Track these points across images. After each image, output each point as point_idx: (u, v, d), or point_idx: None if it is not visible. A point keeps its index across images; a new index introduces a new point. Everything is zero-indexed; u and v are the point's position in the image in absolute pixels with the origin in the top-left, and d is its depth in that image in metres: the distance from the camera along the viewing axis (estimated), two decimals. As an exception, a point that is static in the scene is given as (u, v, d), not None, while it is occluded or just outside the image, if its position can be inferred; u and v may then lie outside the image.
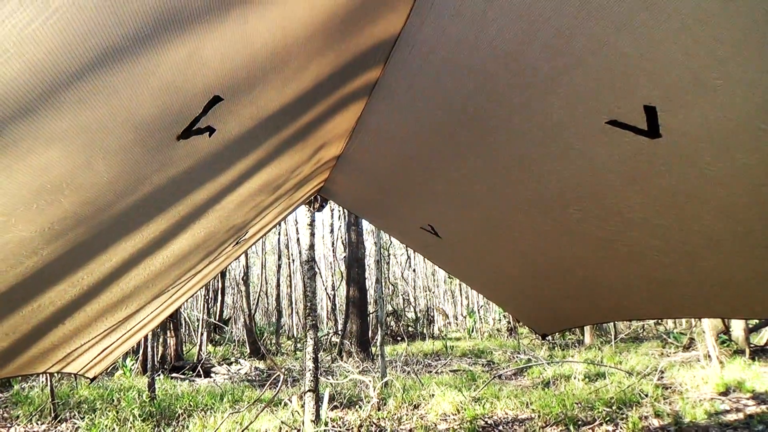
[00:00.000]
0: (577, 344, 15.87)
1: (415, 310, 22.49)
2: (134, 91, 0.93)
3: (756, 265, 1.77)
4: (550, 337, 16.44)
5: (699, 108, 1.30)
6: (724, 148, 1.36)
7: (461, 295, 28.36)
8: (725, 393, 7.75)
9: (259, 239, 4.00)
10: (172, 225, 1.74)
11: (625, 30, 1.22)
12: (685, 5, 1.08)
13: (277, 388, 6.34)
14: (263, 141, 1.73)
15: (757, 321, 12.91)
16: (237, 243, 2.99)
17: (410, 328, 20.46)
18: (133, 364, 11.20)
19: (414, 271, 27.55)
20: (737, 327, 11.79)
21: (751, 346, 11.71)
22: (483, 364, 12.13)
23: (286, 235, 21.89)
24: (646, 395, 7.43)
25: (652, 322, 19.18)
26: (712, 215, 1.63)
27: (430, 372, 10.89)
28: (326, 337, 16.33)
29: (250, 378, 11.08)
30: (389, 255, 22.18)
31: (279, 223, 5.15)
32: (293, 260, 21.48)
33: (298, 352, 15.76)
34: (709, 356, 9.45)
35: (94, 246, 1.46)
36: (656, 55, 1.24)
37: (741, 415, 6.46)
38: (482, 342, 17.58)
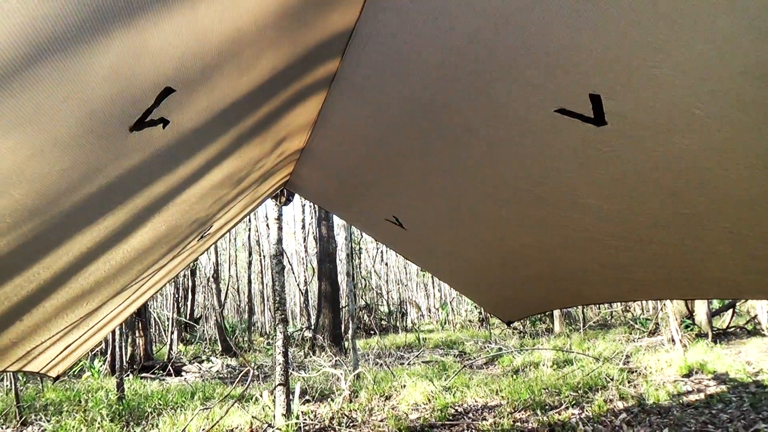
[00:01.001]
0: (546, 332, 16.18)
1: (387, 303, 22.59)
2: (82, 81, 0.94)
3: (702, 246, 1.85)
4: (520, 326, 16.73)
5: (640, 95, 1.36)
6: (664, 133, 1.42)
7: (434, 287, 28.59)
8: (688, 375, 8.03)
9: (225, 234, 3.98)
10: (130, 218, 1.74)
11: (570, 20, 1.27)
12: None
13: (247, 384, 6.32)
14: (221, 133, 1.73)
15: (719, 305, 13.36)
16: (201, 237, 2.98)
17: (383, 322, 20.56)
18: (101, 365, 11.01)
19: (386, 264, 27.65)
20: (700, 311, 12.19)
21: (714, 329, 12.12)
22: (455, 355, 12.28)
23: (257, 231, 21.73)
24: (612, 379, 7.64)
25: (619, 309, 19.68)
26: (658, 199, 1.70)
27: (403, 364, 10.98)
28: (299, 332, 16.29)
29: (221, 375, 11.01)
30: (361, 249, 22.20)
31: (245, 218, 5.12)
32: (264, 256, 21.34)
33: (270, 348, 15.70)
34: (673, 340, 9.76)
35: (50, 240, 1.45)
36: (599, 44, 1.29)
37: (702, 396, 6.70)
38: (454, 333, 17.78)
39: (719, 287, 2.09)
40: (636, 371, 8.47)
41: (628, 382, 7.64)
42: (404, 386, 7.71)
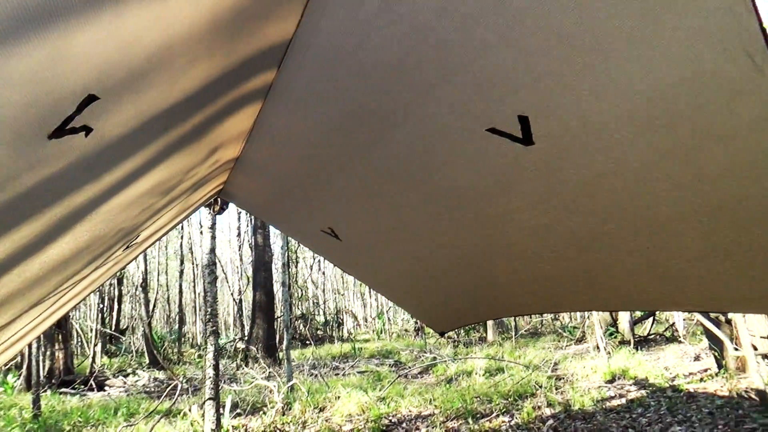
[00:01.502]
0: (480, 341, 16.53)
1: (324, 313, 22.42)
2: (-5, 87, 0.89)
3: (621, 262, 1.95)
4: (454, 335, 17.01)
5: (564, 117, 1.42)
6: (586, 155, 1.50)
7: (371, 296, 28.64)
8: (611, 380, 8.41)
9: (153, 243, 3.84)
10: (49, 228, 1.65)
11: (500, 42, 1.32)
12: (553, 20, 1.18)
13: (175, 398, 6.09)
14: (150, 141, 1.68)
15: (641, 313, 14.10)
16: (128, 247, 2.86)
17: (319, 332, 20.38)
18: (15, 381, 10.30)
19: (324, 273, 27.48)
20: (623, 320, 12.83)
21: (635, 336, 12.79)
22: (390, 365, 12.33)
23: (190, 238, 21.07)
24: (541, 386, 7.89)
25: (549, 317, 20.40)
26: (581, 216, 1.78)
27: (338, 374, 10.91)
28: (231, 343, 15.88)
29: (148, 389, 10.55)
30: (298, 258, 21.96)
31: (176, 227, 4.96)
32: (197, 264, 20.71)
33: (201, 361, 15.20)
34: (598, 347, 10.21)
35: (-44, 251, 1.35)
36: (527, 67, 1.35)
37: (624, 401, 7.03)
38: (390, 343, 17.86)
39: (637, 300, 2.21)
40: (563, 378, 8.80)
41: (556, 389, 7.92)
42: (338, 397, 7.66)
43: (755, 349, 6.69)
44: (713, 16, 1.01)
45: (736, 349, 7.10)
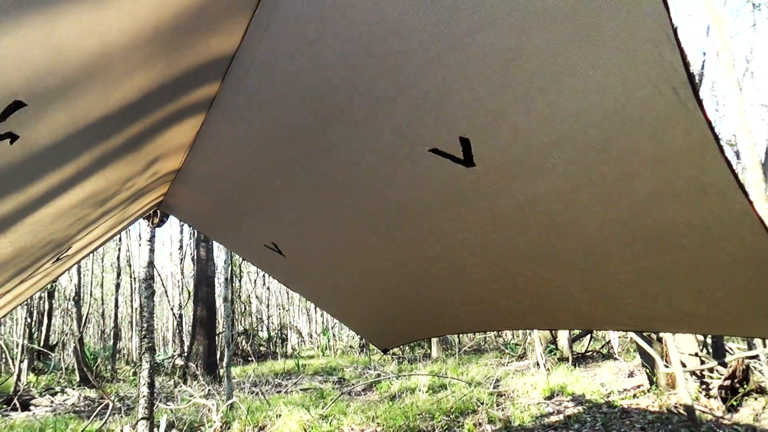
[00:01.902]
0: (424, 358, 16.59)
1: (268, 329, 22.00)
2: None
3: (559, 281, 2.01)
4: (399, 351, 17.02)
5: (504, 141, 1.46)
6: (524, 178, 1.54)
7: (316, 312, 28.32)
8: (550, 397, 8.60)
9: (87, 255, 3.67)
10: (-32, 239, 1.55)
11: (441, 67, 1.34)
12: (495, 46, 1.21)
13: (105, 418, 5.81)
14: (84, 150, 1.61)
15: (578, 331, 14.55)
16: (58, 259, 2.72)
17: (262, 348, 19.96)
18: (-72, 401, 9.57)
19: (268, 288, 27.00)
20: (563, 337, 13.19)
21: (574, 353, 13.16)
22: (334, 382, 12.19)
23: (128, 251, 20.29)
24: (482, 403, 7.98)
25: (492, 334, 20.72)
26: (520, 236, 1.82)
27: (280, 392, 10.69)
28: (169, 360, 15.32)
29: (77, 409, 10.01)
30: (242, 272, 21.51)
31: (113, 239, 4.77)
32: (135, 278, 19.94)
33: (136, 378, 14.57)
34: (539, 364, 10.44)
35: None
36: (467, 91, 1.38)
37: (562, 417, 7.20)
38: (335, 359, 17.68)
39: (575, 319, 2.28)
40: (504, 394, 8.93)
41: (497, 405, 8.03)
42: (279, 415, 7.50)
43: (684, 366, 7.01)
44: (641, 51, 1.06)
45: (667, 366, 7.42)
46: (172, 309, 18.05)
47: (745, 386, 6.80)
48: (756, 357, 7.08)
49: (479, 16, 1.16)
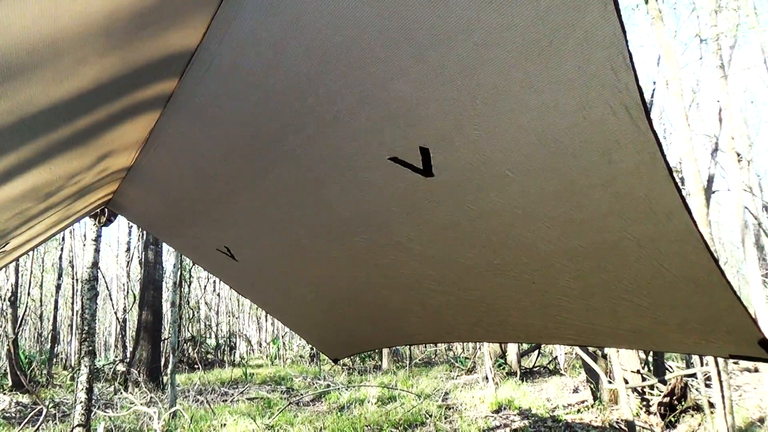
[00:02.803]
0: (375, 369, 16.52)
1: (216, 336, 21.49)
2: None
3: (510, 295, 2.03)
4: (349, 362, 16.90)
5: (463, 153, 1.47)
6: (480, 190, 1.55)
7: (267, 320, 27.87)
8: (498, 410, 8.69)
9: (26, 253, 3.50)
10: None
11: (403, 77, 1.35)
12: (457, 59, 1.22)
13: (38, 425, 5.53)
14: (27, 141, 1.53)
15: (527, 346, 14.81)
16: (-6, 255, 2.58)
17: (209, 355, 19.47)
18: None
19: (219, 295, 26.42)
20: (512, 351, 13.39)
21: (522, 368, 13.37)
22: (282, 391, 11.99)
23: (71, 251, 19.48)
24: (431, 415, 7.99)
25: (443, 347, 20.85)
26: (474, 249, 1.84)
27: (226, 401, 10.43)
28: (111, 365, 14.74)
29: (8, 415, 9.49)
30: (192, 277, 20.98)
31: (55, 236, 4.58)
32: (78, 279, 19.14)
33: (74, 383, 13.94)
34: (487, 378, 10.55)
35: None
36: (428, 102, 1.39)
37: (508, 430, 7.28)
38: (284, 369, 17.40)
39: (524, 333, 2.31)
40: (453, 407, 8.98)
41: (445, 418, 8.06)
42: (224, 425, 7.31)
43: (626, 382, 7.22)
44: (597, 70, 1.09)
45: (610, 382, 7.63)
46: (115, 313, 17.41)
47: (682, 403, 7.05)
48: (693, 375, 7.37)
49: (441, 29, 1.17)
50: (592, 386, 8.52)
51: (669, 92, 5.31)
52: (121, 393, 10.99)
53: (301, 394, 11.13)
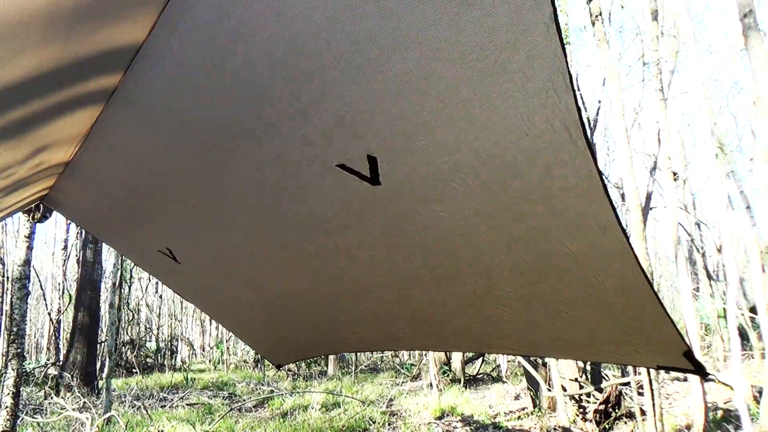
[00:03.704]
0: (320, 375, 16.40)
1: (157, 339, 20.83)
2: None
3: (453, 304, 2.06)
4: (294, 368, 16.71)
5: (408, 162, 1.49)
6: (427, 200, 1.57)
7: (210, 324, 27.21)
8: (441, 417, 8.78)
9: (-50, 248, 3.30)
10: None
11: (353, 86, 1.35)
12: (403, 70, 1.24)
13: (-43, 432, 5.18)
14: (-46, 131, 1.45)
15: (471, 354, 15.03)
16: None
17: (149, 359, 18.84)
18: None
19: (161, 297, 25.61)
20: (456, 359, 13.55)
21: (466, 375, 13.56)
22: (224, 397, 11.72)
23: (2, 247, 18.47)
24: (374, 422, 8.00)
25: (389, 354, 20.89)
26: (419, 258, 1.86)
27: (165, 406, 10.11)
28: (42, 368, 14.05)
29: (-76, 421, 8.89)
30: (133, 278, 20.27)
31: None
32: (8, 278, 18.17)
33: None
34: (432, 385, 10.65)
35: None
36: (377, 112, 1.40)
37: (450, 437, 7.37)
38: (227, 374, 17.02)
39: (466, 342, 2.35)
40: (397, 414, 9.01)
41: (389, 424, 8.07)
42: (162, 431, 7.09)
43: (564, 390, 7.44)
44: (540, 88, 1.13)
45: (549, 390, 7.84)
46: (49, 314, 16.61)
47: (617, 411, 7.32)
48: (628, 384, 7.66)
49: (392, 42, 1.18)
50: (532, 394, 8.72)
51: (611, 112, 5.53)
52: (52, 398, 10.49)
53: (244, 400, 10.92)
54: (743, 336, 13.86)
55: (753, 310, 10.81)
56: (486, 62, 1.13)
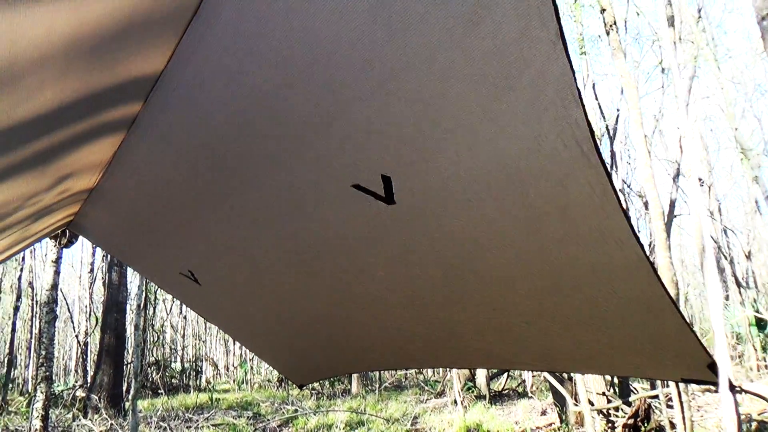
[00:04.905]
0: (344, 393, 16.34)
1: (181, 360, 20.99)
2: None
3: (472, 320, 2.05)
4: (318, 386, 16.68)
5: (423, 181, 1.50)
6: (442, 216, 1.58)
7: (234, 344, 27.35)
8: (465, 433, 8.68)
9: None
10: None
11: (365, 105, 1.37)
12: (413, 89, 1.26)
13: (-11, 455, 5.27)
14: (-18, 163, 1.51)
15: (495, 369, 14.85)
16: (-55, 279, 2.50)
17: (174, 380, 18.98)
18: None
19: (185, 317, 25.86)
20: (481, 374, 13.41)
21: (491, 391, 13.39)
22: (249, 417, 11.74)
23: (31, 271, 18.88)
24: (399, 440, 7.93)
25: (413, 371, 20.74)
26: (437, 274, 1.86)
27: (190, 427, 10.16)
28: (70, 391, 14.23)
29: (-43, 444, 9.06)
30: (157, 300, 20.52)
31: (11, 257, 4.47)
32: (37, 301, 18.52)
33: (29, 410, 13.38)
34: (456, 402, 10.53)
35: None
36: (392, 129, 1.41)
37: (476, 455, 7.26)
38: (251, 394, 17.06)
39: (485, 359, 2.33)
40: (422, 431, 8.92)
41: (414, 443, 8.00)
42: (188, 453, 7.12)
43: (592, 404, 7.30)
44: (550, 104, 1.13)
45: (576, 405, 7.69)
46: (77, 336, 16.88)
47: (646, 425, 7.14)
48: (656, 397, 7.48)
49: (402, 61, 1.20)
50: (558, 409, 8.57)
51: (630, 121, 5.49)
52: (80, 420, 10.62)
53: (268, 420, 10.92)
54: (776, 344, 13.49)
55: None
56: (494, 80, 1.14)
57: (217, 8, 1.27)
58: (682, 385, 5.03)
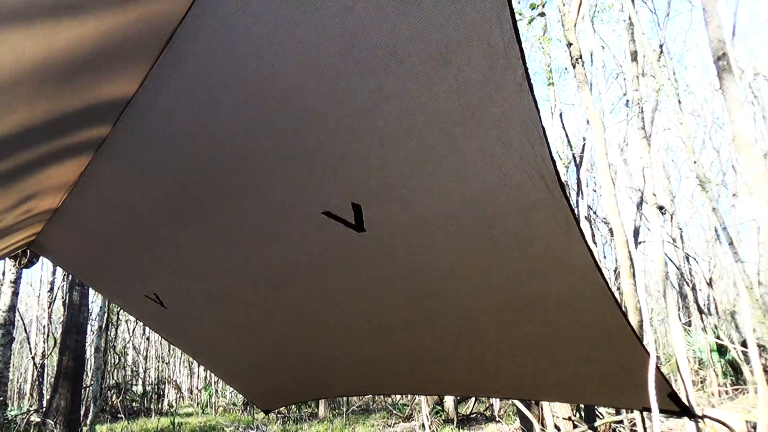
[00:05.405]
0: (311, 417, 16.07)
1: (143, 382, 20.39)
2: None
3: (438, 348, 2.07)
4: (285, 411, 16.36)
5: (393, 211, 1.53)
6: (411, 246, 1.60)
7: (199, 367, 26.71)
8: (433, 460, 8.60)
9: (-66, 296, 3.27)
10: None
11: (337, 135, 1.39)
12: (384, 123, 1.28)
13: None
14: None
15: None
16: None
17: (135, 404, 18.40)
18: None
19: (148, 339, 25.19)
20: (449, 398, 13.36)
21: (459, 415, 13.34)
22: (212, 442, 11.44)
23: (-12, 290, 18.19)
24: (366, 467, 7.82)
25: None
26: (405, 303, 1.88)
27: (150, 454, 9.84)
28: (24, 415, 13.66)
29: None
30: (120, 321, 19.97)
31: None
32: (-7, 321, 17.78)
33: (-20, 436, 12.78)
34: (424, 426, 10.47)
35: None
36: (363, 159, 1.44)
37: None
38: (215, 417, 16.64)
39: (452, 386, 2.34)
40: (388, 457, 8.82)
41: (381, 469, 7.89)
42: (147, 481, 6.88)
43: (558, 429, 7.34)
44: (516, 143, 1.17)
45: (542, 429, 7.73)
46: (33, 358, 16.26)
47: (611, 450, 7.21)
48: (621, 422, 7.57)
49: (373, 97, 1.23)
50: (526, 434, 8.59)
51: (596, 151, 5.65)
52: (34, 446, 10.18)
53: (232, 445, 10.65)
54: (736, 370, 13.82)
55: (744, 344, 10.82)
56: (461, 118, 1.18)
57: (190, 38, 1.28)
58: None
